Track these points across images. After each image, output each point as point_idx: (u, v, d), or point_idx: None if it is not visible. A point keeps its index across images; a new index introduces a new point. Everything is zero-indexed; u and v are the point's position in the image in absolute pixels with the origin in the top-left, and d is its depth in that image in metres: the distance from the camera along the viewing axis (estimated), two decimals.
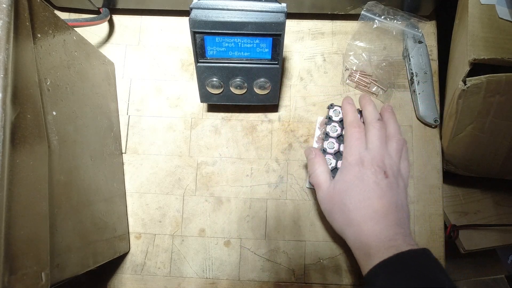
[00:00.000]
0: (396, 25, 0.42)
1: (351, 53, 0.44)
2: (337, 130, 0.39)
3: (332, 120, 0.39)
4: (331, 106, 0.40)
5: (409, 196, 0.42)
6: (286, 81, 0.44)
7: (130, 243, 0.41)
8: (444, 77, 0.43)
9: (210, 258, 0.41)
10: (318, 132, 0.42)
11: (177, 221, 0.41)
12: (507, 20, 0.35)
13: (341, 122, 0.39)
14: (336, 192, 0.34)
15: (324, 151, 0.38)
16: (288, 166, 0.42)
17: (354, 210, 0.32)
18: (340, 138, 0.39)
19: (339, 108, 0.40)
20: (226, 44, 0.34)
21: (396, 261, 0.27)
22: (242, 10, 0.32)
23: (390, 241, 0.29)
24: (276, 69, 0.37)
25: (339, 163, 0.38)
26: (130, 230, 0.41)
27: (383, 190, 0.32)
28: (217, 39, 0.34)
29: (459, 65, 0.37)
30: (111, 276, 0.41)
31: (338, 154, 0.39)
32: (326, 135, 0.39)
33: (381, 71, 0.43)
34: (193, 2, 0.32)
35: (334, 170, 0.38)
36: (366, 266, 0.30)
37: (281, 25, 0.32)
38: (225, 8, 0.32)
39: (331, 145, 0.38)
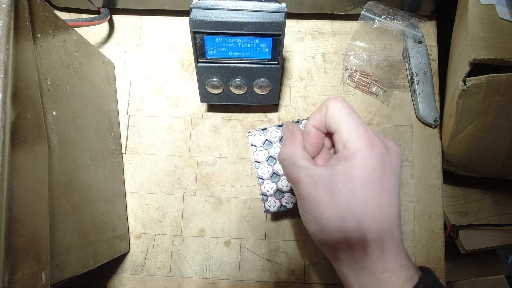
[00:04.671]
0: (396, 25, 0.42)
1: (351, 53, 0.44)
2: (264, 154, 0.38)
3: (256, 146, 0.38)
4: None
5: (409, 196, 0.42)
6: (286, 81, 0.44)
7: (130, 243, 0.41)
8: (444, 77, 0.43)
9: (210, 258, 0.41)
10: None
11: (177, 221, 0.41)
12: (507, 20, 0.35)
13: (264, 144, 0.38)
14: (330, 192, 0.21)
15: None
16: None
17: (361, 223, 0.20)
18: (268, 162, 0.38)
19: (258, 132, 0.39)
20: (226, 44, 0.34)
21: None
22: (242, 10, 0.32)
23: (403, 268, 0.21)
24: (276, 69, 0.37)
25: (279, 183, 0.37)
26: (130, 230, 0.41)
27: (400, 182, 0.22)
28: (217, 39, 0.34)
29: (459, 65, 0.37)
30: (111, 276, 0.41)
31: (274, 175, 0.37)
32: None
33: (381, 71, 0.43)
34: (193, 2, 0.32)
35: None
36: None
37: (281, 25, 0.32)
38: (225, 8, 0.32)
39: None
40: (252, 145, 0.39)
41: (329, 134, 0.24)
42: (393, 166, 0.21)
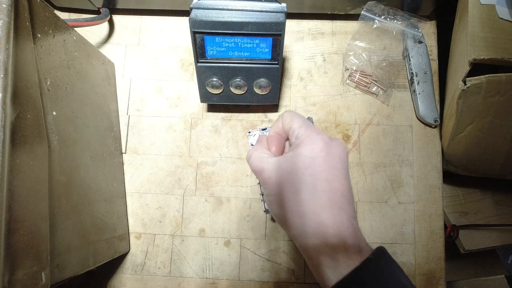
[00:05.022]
0: (396, 25, 0.42)
1: (351, 53, 0.44)
2: None
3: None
4: (249, 133, 0.39)
5: (409, 196, 0.42)
6: (286, 81, 0.44)
7: (130, 243, 0.41)
8: (444, 77, 0.43)
9: (210, 258, 0.41)
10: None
11: (177, 221, 0.41)
12: (507, 20, 0.35)
13: None
14: (286, 171, 0.24)
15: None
16: None
17: (312, 193, 0.23)
18: None
19: (258, 132, 0.39)
20: (226, 44, 0.34)
21: (365, 270, 0.22)
22: (242, 10, 0.32)
23: (356, 240, 0.23)
24: (276, 69, 0.37)
25: None
26: (130, 230, 0.41)
27: (347, 168, 0.25)
28: (217, 39, 0.34)
29: (459, 65, 0.37)
30: (111, 276, 0.41)
31: None
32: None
33: (381, 71, 0.43)
34: (193, 2, 0.32)
35: None
36: (330, 273, 0.22)
37: (281, 25, 0.32)
38: (225, 8, 0.32)
39: None
40: (252, 145, 0.39)
41: (287, 139, 0.29)
42: (337, 151, 0.25)
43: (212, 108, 0.44)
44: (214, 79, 0.37)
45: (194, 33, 0.33)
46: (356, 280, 0.21)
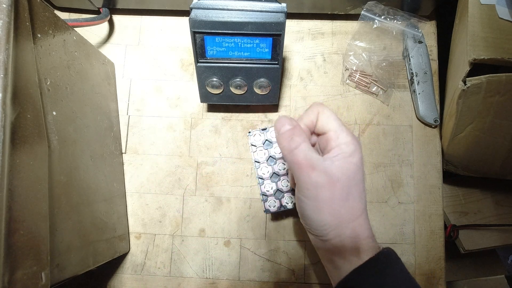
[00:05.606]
0: (396, 25, 0.42)
1: (351, 53, 0.44)
2: (264, 154, 0.38)
3: (256, 146, 0.39)
4: (249, 133, 0.39)
5: (409, 196, 0.42)
6: (286, 81, 0.44)
7: (130, 243, 0.41)
8: (444, 77, 0.43)
9: (210, 258, 0.41)
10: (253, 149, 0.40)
11: (177, 221, 0.41)
12: (507, 20, 0.35)
13: (264, 144, 0.39)
14: (343, 176, 0.25)
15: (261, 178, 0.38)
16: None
17: (357, 200, 0.26)
18: (268, 162, 0.38)
19: (258, 132, 0.39)
20: (226, 44, 0.34)
21: (378, 262, 0.25)
22: (242, 10, 0.32)
23: (372, 237, 0.26)
24: (276, 69, 0.37)
25: (279, 184, 0.38)
26: (130, 230, 0.41)
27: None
28: (217, 39, 0.34)
29: (459, 65, 0.37)
30: (111, 276, 0.41)
31: (274, 175, 0.38)
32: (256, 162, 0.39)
33: (381, 71, 0.43)
34: (193, 2, 0.32)
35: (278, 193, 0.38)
36: (349, 267, 0.25)
37: (281, 25, 0.32)
38: (225, 8, 0.32)
39: (265, 170, 0.38)
40: (252, 145, 0.39)
41: (314, 133, 0.30)
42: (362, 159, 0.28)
43: (212, 108, 0.44)
44: (214, 79, 0.37)
45: (194, 33, 0.33)
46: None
